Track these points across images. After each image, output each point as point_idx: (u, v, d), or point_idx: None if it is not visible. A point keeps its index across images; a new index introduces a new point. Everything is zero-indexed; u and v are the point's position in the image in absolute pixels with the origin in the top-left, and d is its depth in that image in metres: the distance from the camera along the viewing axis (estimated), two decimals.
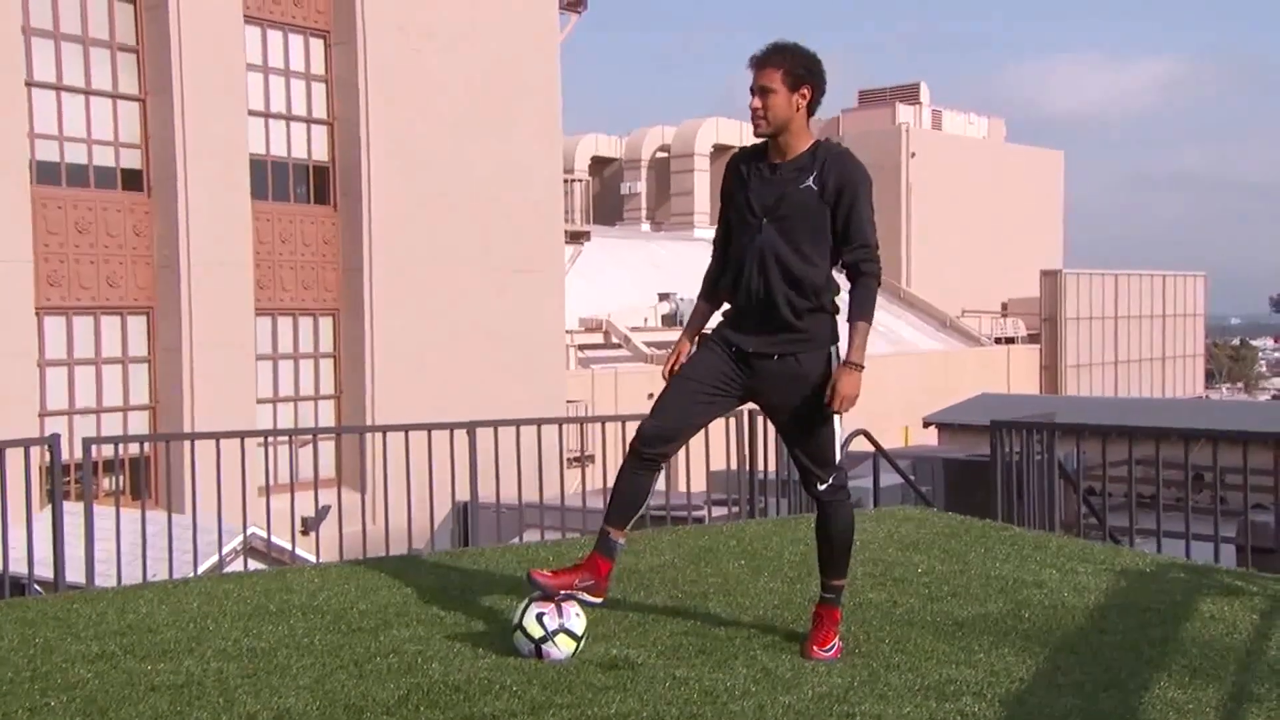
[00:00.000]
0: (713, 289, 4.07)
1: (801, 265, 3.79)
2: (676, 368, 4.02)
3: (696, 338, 4.10)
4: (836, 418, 3.88)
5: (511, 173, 20.19)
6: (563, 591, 3.86)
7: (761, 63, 3.81)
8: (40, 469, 7.12)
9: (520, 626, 3.82)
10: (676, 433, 3.94)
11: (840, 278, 3.93)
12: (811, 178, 3.79)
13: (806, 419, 3.85)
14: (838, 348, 3.88)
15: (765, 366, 3.88)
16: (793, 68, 3.79)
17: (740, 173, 3.94)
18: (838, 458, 3.94)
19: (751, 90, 3.82)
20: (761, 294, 3.82)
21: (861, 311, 3.79)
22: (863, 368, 3.76)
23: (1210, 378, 57.40)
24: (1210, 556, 6.60)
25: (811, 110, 3.86)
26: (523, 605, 3.89)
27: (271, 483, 7.49)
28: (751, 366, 3.90)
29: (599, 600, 3.94)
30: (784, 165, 3.85)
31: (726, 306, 4.01)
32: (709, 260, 4.11)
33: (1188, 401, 32.97)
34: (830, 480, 3.91)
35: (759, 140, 3.95)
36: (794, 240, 3.80)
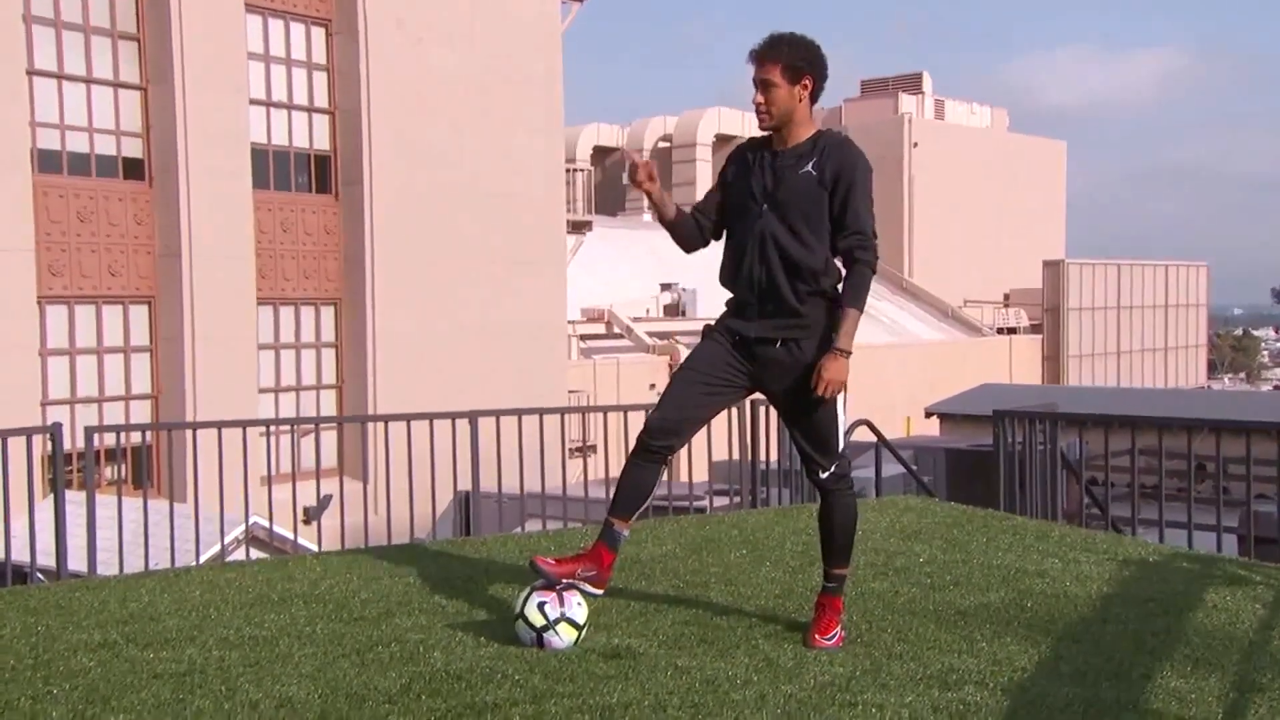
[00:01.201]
0: (686, 214, 4.02)
1: (799, 250, 3.80)
2: (642, 169, 3.90)
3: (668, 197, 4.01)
4: (841, 406, 3.88)
5: (513, 163, 20.16)
6: (565, 580, 3.86)
7: (761, 57, 3.80)
8: (42, 458, 7.13)
9: (522, 615, 3.82)
10: (683, 425, 3.95)
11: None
12: (810, 164, 3.80)
13: (809, 406, 3.85)
14: (838, 335, 3.87)
15: (768, 353, 3.88)
16: (791, 60, 3.78)
17: (745, 160, 3.95)
18: (841, 446, 3.94)
19: (754, 84, 3.81)
20: (763, 279, 3.83)
21: (853, 298, 3.81)
22: (849, 353, 3.78)
23: (1212, 368, 57.35)
24: (1213, 546, 6.60)
25: (814, 99, 3.86)
26: (525, 593, 3.89)
27: (273, 472, 7.49)
28: (754, 354, 3.90)
29: (600, 591, 3.94)
30: (785, 153, 3.86)
31: (728, 296, 4.01)
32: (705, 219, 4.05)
33: (1190, 392, 32.94)
34: (833, 469, 3.91)
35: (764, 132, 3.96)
36: (793, 225, 3.80)
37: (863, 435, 9.71)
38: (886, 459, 10.06)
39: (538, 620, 3.78)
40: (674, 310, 30.12)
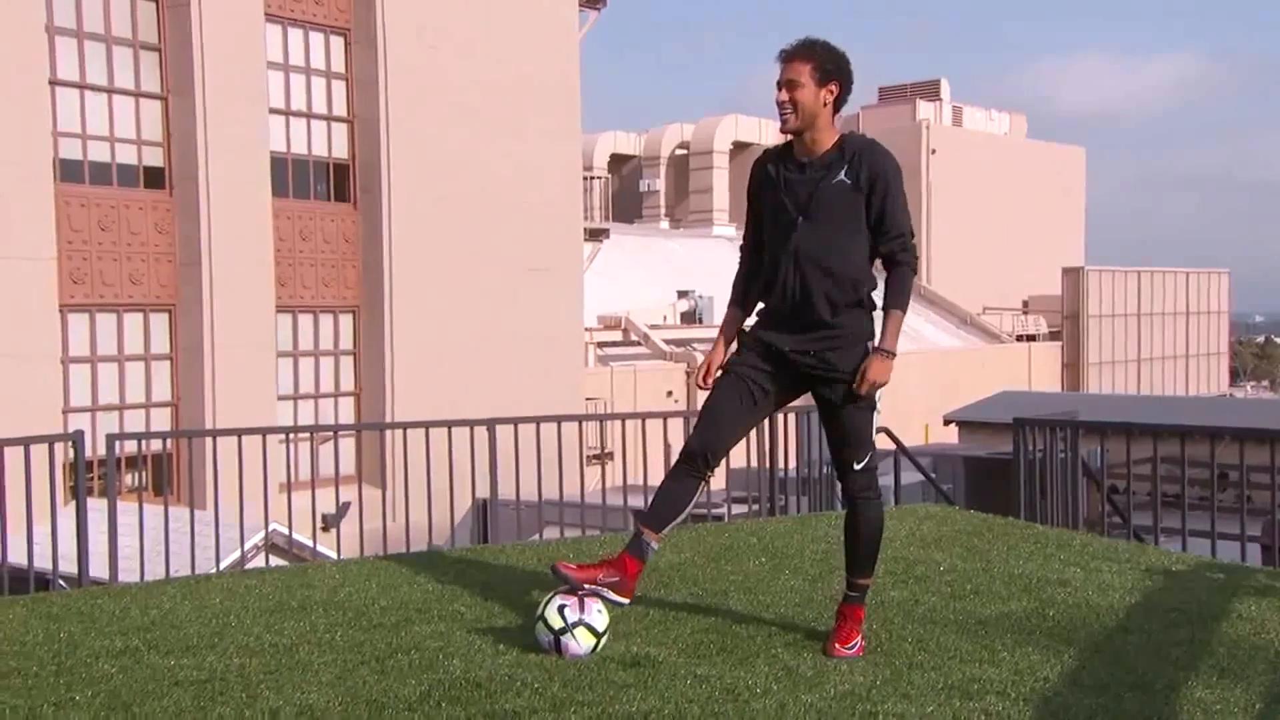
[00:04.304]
0: (744, 293, 4.05)
1: (839, 260, 3.80)
2: (712, 375, 3.99)
3: (730, 344, 4.08)
4: (875, 403, 3.90)
5: (531, 170, 20.21)
6: (586, 585, 3.85)
7: (790, 56, 3.81)
8: (64, 465, 7.18)
9: (542, 617, 3.83)
10: (723, 443, 3.95)
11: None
12: (843, 171, 3.80)
13: (845, 411, 3.86)
14: (874, 344, 3.87)
15: (802, 363, 3.87)
16: (821, 63, 3.78)
17: (769, 173, 3.93)
18: (874, 443, 3.95)
19: (779, 84, 3.80)
20: (798, 293, 3.82)
21: (896, 300, 3.83)
22: (894, 355, 3.80)
23: (1234, 376, 56.88)
24: (1237, 556, 6.54)
25: (837, 107, 3.86)
26: (548, 597, 3.89)
27: (292, 479, 7.52)
28: (788, 364, 3.89)
29: (626, 600, 3.91)
30: (813, 162, 3.84)
31: (761, 306, 4.00)
32: (737, 265, 4.10)
33: (1212, 400, 32.68)
34: (865, 461, 3.91)
35: (783, 141, 3.95)
36: (830, 236, 3.80)
37: (881, 443, 9.66)
38: (905, 467, 10.02)
39: (556, 623, 3.78)
40: (691, 317, 30.07)
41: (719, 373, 3.98)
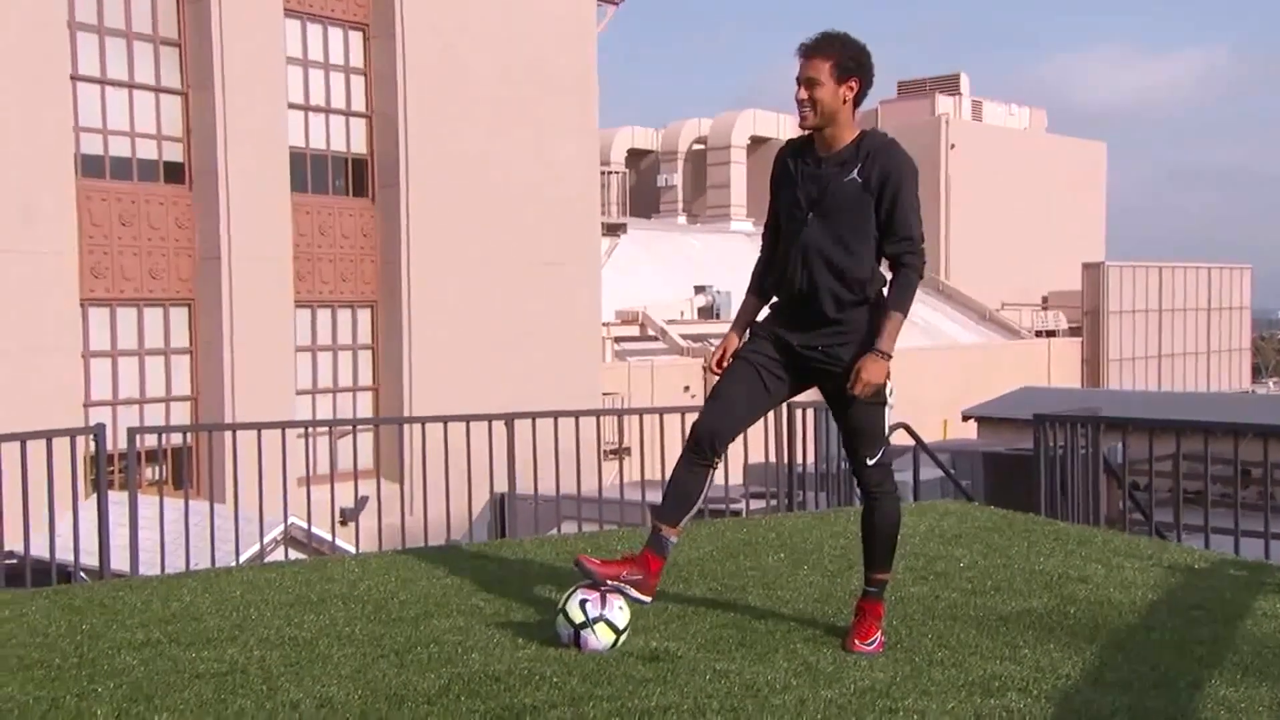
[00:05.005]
0: (762, 282, 4.05)
1: (845, 258, 3.77)
2: (724, 361, 3.99)
3: (745, 332, 4.07)
4: (889, 394, 3.88)
5: (548, 165, 20.22)
6: (609, 581, 3.84)
7: (810, 52, 3.77)
8: (85, 458, 7.21)
9: (563, 610, 3.83)
10: (731, 430, 3.94)
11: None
12: (855, 170, 3.77)
13: (854, 406, 3.85)
14: (880, 336, 3.85)
15: (811, 358, 3.87)
16: (842, 59, 3.75)
17: (787, 167, 3.92)
18: (887, 437, 3.93)
19: (798, 80, 3.78)
20: (805, 289, 3.81)
21: (898, 302, 3.80)
22: (889, 356, 3.76)
23: (1257, 372, 56.39)
24: (1260, 553, 6.49)
25: (858, 102, 3.83)
26: (569, 591, 3.89)
27: (311, 473, 7.55)
28: (797, 357, 3.88)
29: (648, 599, 3.90)
30: (828, 158, 3.83)
31: (775, 300, 4.00)
32: (758, 253, 4.10)
33: (1234, 396, 32.43)
34: (878, 457, 3.89)
35: (805, 132, 3.92)
36: (838, 234, 3.78)
37: (900, 439, 9.63)
38: (924, 463, 9.99)
39: (577, 617, 3.78)
40: (708, 312, 30.06)
41: (731, 359, 3.98)
